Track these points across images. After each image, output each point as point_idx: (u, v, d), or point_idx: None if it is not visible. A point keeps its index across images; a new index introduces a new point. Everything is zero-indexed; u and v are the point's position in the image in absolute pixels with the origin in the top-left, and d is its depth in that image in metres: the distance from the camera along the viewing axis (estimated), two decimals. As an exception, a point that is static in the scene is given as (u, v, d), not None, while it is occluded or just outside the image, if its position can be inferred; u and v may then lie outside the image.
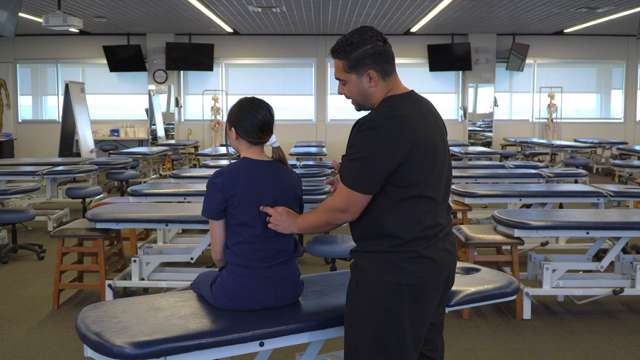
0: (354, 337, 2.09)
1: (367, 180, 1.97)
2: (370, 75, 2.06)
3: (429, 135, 2.02)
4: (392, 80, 2.09)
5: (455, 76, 14.04)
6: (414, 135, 1.96)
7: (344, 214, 2.05)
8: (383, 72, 2.06)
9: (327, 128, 13.87)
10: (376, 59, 2.04)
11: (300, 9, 10.42)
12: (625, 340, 3.69)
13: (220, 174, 2.31)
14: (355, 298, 2.09)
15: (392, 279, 2.01)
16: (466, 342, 3.64)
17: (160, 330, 2.09)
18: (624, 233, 4.01)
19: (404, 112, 1.99)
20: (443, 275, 2.09)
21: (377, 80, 2.06)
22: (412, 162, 1.96)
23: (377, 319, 2.03)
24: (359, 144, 1.98)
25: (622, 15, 10.91)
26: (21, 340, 3.67)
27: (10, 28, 7.13)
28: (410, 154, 1.95)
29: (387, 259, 2.01)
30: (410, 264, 2.01)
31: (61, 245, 4.27)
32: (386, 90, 2.09)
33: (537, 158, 12.32)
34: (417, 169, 1.98)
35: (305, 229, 2.22)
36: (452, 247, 2.14)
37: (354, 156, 1.99)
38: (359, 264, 2.09)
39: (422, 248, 2.01)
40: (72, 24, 8.07)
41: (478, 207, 6.62)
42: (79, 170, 7.32)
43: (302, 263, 5.34)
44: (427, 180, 2.01)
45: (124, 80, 13.92)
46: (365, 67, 2.05)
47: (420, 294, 2.03)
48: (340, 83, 2.14)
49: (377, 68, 2.05)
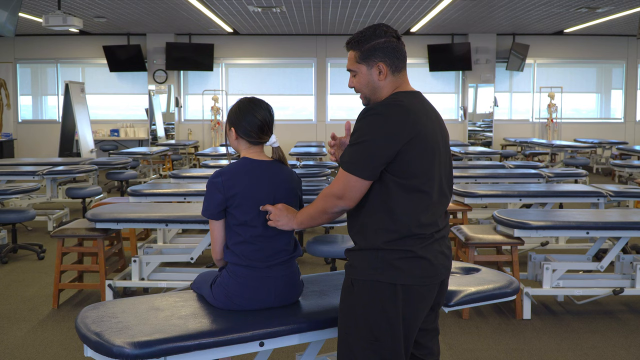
0: (348, 337, 2.08)
1: (366, 164, 1.97)
2: (380, 68, 2.08)
3: (431, 131, 2.03)
4: (401, 78, 2.11)
5: (455, 76, 14.04)
6: (416, 126, 1.98)
7: (340, 201, 2.03)
8: (393, 67, 2.08)
9: (327, 128, 13.87)
10: (387, 53, 2.07)
11: (300, 9, 10.42)
12: (625, 340, 3.69)
13: (220, 174, 2.31)
14: (349, 298, 2.08)
15: (387, 279, 2.00)
16: (466, 342, 3.64)
17: (160, 330, 2.09)
18: (624, 233, 4.01)
19: (409, 104, 2.02)
20: (438, 277, 2.08)
21: (386, 74, 2.08)
22: (412, 152, 1.97)
23: (372, 319, 2.02)
24: (362, 128, 2.00)
25: (622, 15, 10.91)
26: (21, 340, 3.67)
27: (10, 28, 7.13)
28: (411, 142, 1.96)
29: (382, 258, 2.00)
30: (406, 263, 2.00)
31: (61, 245, 4.27)
32: (394, 86, 2.10)
33: (537, 158, 12.31)
34: (416, 160, 1.98)
35: (304, 221, 2.21)
36: (448, 251, 2.13)
37: (355, 141, 2.00)
38: (354, 264, 2.08)
39: (418, 248, 2.01)
40: (72, 24, 8.07)
41: (478, 207, 6.62)
42: (79, 170, 7.32)
43: (302, 263, 5.34)
44: (425, 175, 2.01)
45: (124, 80, 13.92)
46: (375, 59, 2.07)
47: (414, 295, 2.02)
48: (351, 75, 2.16)
49: (388, 62, 2.07)
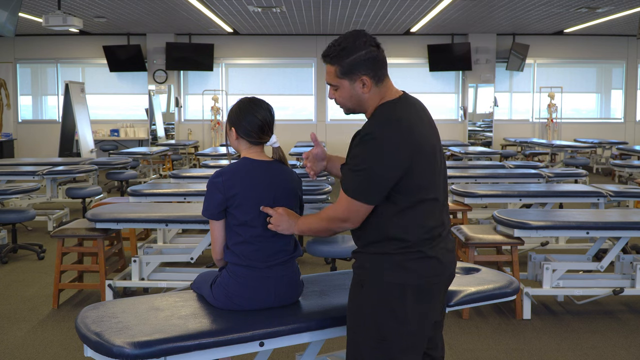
0: (357, 338, 2.08)
1: (371, 191, 1.96)
2: (363, 81, 2.02)
3: (427, 138, 2.01)
4: (385, 86, 2.06)
5: (455, 76, 14.04)
6: (414, 142, 1.95)
7: (345, 223, 2.04)
8: (376, 78, 2.03)
9: (327, 128, 13.87)
10: (370, 65, 2.01)
11: (300, 9, 10.42)
12: (625, 340, 3.69)
13: (220, 174, 2.31)
14: (358, 299, 2.07)
15: (397, 280, 1.99)
16: (466, 342, 3.64)
17: (160, 330, 2.09)
18: (624, 233, 4.01)
19: (402, 117, 1.98)
20: (447, 274, 2.09)
21: (370, 87, 2.03)
22: (415, 168, 1.95)
23: (382, 320, 2.01)
24: (361, 155, 1.96)
25: (622, 15, 10.91)
26: (21, 340, 3.67)
27: (10, 28, 7.13)
28: (412, 160, 1.94)
29: (392, 259, 2.00)
30: (415, 264, 1.99)
31: (61, 245, 4.27)
32: (379, 96, 2.06)
33: (537, 158, 12.31)
34: (420, 174, 1.97)
35: (305, 232, 2.22)
36: (452, 245, 2.14)
37: (356, 167, 1.96)
38: (363, 265, 2.07)
39: (427, 248, 2.01)
40: (72, 24, 8.07)
41: (478, 207, 6.61)
42: (79, 170, 7.32)
43: (302, 263, 5.34)
44: (430, 183, 2.01)
45: (124, 80, 13.91)
46: (358, 73, 2.01)
47: (426, 294, 2.02)
48: (331, 88, 2.10)
49: (371, 74, 2.02)
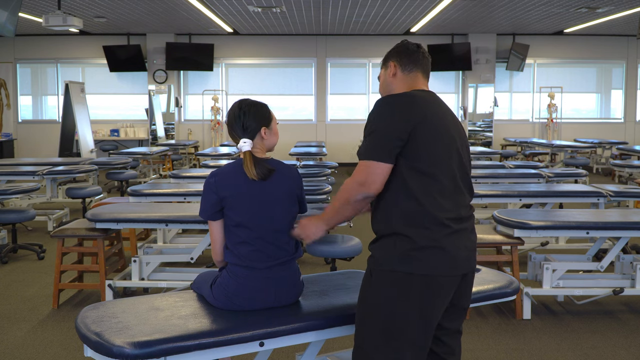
0: (363, 326, 2.10)
1: (382, 148, 2.02)
2: (391, 67, 2.23)
3: (441, 120, 2.09)
4: (414, 78, 2.21)
5: (455, 76, 14.04)
6: (424, 110, 2.05)
7: (363, 187, 2.05)
8: (402, 65, 2.22)
9: (327, 128, 13.87)
10: (399, 53, 2.23)
11: (300, 9, 10.42)
12: (625, 340, 3.69)
13: (214, 175, 2.31)
14: (367, 288, 2.11)
15: (405, 269, 2.00)
16: (466, 342, 3.63)
17: (160, 330, 2.09)
18: (624, 233, 4.01)
19: (417, 95, 2.11)
20: (459, 270, 2.07)
21: (395, 71, 2.20)
22: (421, 134, 2.01)
23: (388, 308, 2.03)
24: (373, 119, 2.08)
25: (622, 15, 10.91)
26: (21, 340, 3.67)
27: (10, 28, 7.13)
28: (421, 124, 2.02)
29: (401, 247, 2.01)
30: (424, 254, 2.00)
31: (61, 245, 4.27)
32: (407, 85, 2.20)
33: (537, 158, 12.31)
34: (425, 142, 2.02)
35: (332, 218, 2.22)
36: (470, 244, 2.13)
37: (367, 132, 2.09)
38: (374, 254, 2.11)
39: (437, 236, 2.01)
40: (72, 24, 8.07)
41: (478, 207, 6.61)
42: (79, 170, 7.32)
43: (302, 263, 5.34)
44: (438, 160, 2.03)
45: (124, 80, 13.92)
46: (389, 61, 2.26)
47: (433, 286, 2.02)
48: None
49: (398, 60, 2.22)
